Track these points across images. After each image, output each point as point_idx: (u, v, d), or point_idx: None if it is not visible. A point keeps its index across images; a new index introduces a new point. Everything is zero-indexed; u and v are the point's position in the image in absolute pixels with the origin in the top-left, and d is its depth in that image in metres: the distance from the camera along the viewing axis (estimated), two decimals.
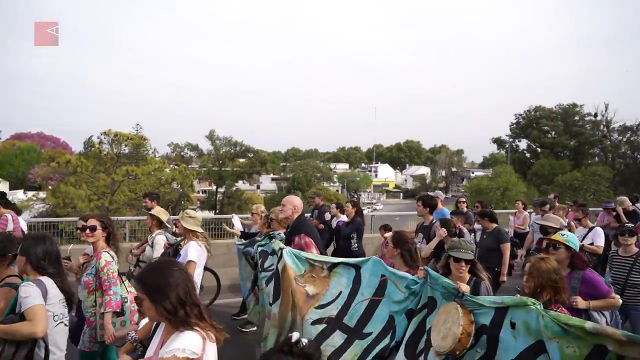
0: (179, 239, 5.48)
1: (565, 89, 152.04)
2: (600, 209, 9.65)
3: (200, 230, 4.62)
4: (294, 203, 4.79)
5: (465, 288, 3.11)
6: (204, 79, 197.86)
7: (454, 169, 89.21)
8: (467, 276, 3.55)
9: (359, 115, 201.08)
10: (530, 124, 55.56)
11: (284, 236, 5.08)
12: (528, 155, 56.97)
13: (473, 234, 6.81)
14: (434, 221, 5.99)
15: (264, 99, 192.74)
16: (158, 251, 5.18)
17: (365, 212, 10.41)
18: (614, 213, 8.94)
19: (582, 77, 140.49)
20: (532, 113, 56.13)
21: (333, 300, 3.92)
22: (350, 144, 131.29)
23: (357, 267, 3.94)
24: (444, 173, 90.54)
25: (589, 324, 2.37)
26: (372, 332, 3.52)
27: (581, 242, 6.46)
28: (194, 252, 4.40)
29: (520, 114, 57.22)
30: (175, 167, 31.00)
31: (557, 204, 9.66)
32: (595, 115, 51.88)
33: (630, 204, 9.51)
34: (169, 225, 5.74)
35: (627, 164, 50.11)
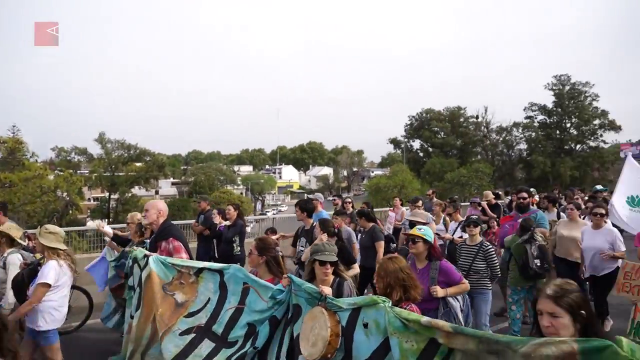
0: (37, 257, 4.83)
1: (452, 93, 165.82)
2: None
3: (62, 247, 4.19)
4: (158, 207, 4.55)
5: (327, 291, 3.12)
6: (94, 79, 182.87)
7: (355, 169, 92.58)
8: (332, 278, 3.52)
9: (263, 117, 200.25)
10: (422, 125, 59.61)
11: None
12: (421, 154, 61.06)
13: (360, 234, 6.96)
14: (314, 224, 6.00)
15: (162, 100, 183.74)
16: (12, 273, 4.50)
17: (269, 214, 10.30)
18: (480, 207, 9.53)
19: (466, 81, 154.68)
20: (424, 115, 60.27)
21: (202, 308, 3.75)
22: (254, 145, 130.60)
23: (220, 273, 3.78)
24: (345, 173, 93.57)
25: (424, 319, 2.46)
26: (237, 341, 3.43)
27: (452, 235, 7.02)
28: (51, 274, 3.99)
29: (414, 116, 61.18)
30: (60, 173, 28.22)
31: (435, 199, 10.18)
32: (477, 117, 57.39)
33: (494, 197, 10.08)
34: (22, 242, 5.01)
35: (503, 160, 56.04)
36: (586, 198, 11.02)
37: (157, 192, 66.93)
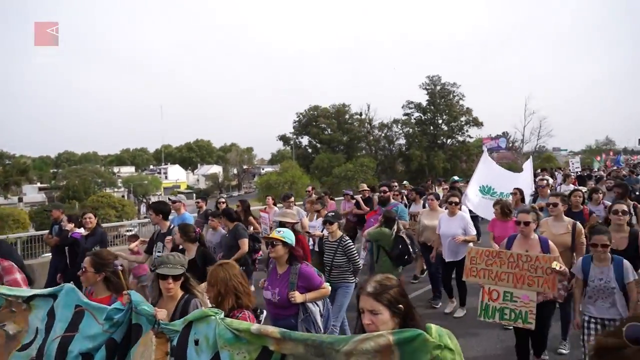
0: None
1: (337, 90, 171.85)
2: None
3: None
4: None
5: (161, 315, 2.76)
6: None
7: (245, 167, 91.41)
8: (179, 294, 3.19)
9: (145, 115, 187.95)
10: (310, 122, 60.84)
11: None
12: (310, 150, 62.33)
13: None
14: (172, 227, 5.73)
15: (26, 98, 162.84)
16: None
17: None
18: (354, 200, 9.69)
19: (350, 80, 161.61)
20: (311, 112, 61.56)
21: (33, 340, 3.15)
22: (135, 145, 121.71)
23: (53, 297, 3.22)
24: (235, 171, 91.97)
25: (254, 327, 2.37)
26: None
27: (322, 232, 6.87)
28: None
29: (301, 113, 62.16)
30: None
31: (313, 196, 10.31)
32: (361, 114, 60.21)
33: (368, 189, 10.22)
34: None
35: (385, 155, 59.61)
36: (446, 188, 11.88)
37: (20, 200, 59.01)
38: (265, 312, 5.99)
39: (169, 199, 7.13)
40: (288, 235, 3.92)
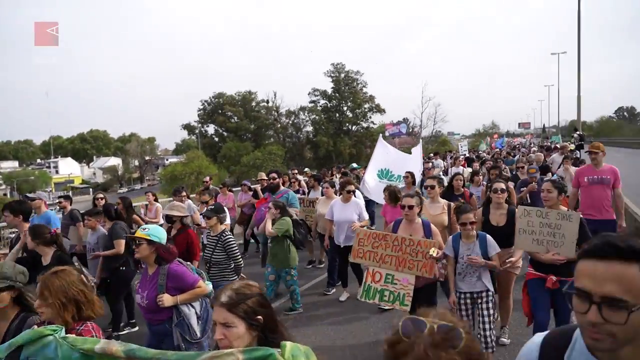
0: None
1: (243, 77, 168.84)
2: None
3: None
4: None
5: None
6: None
7: (147, 158, 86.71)
8: (13, 312, 2.76)
9: (27, 104, 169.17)
10: (215, 109, 59.19)
11: None
12: (216, 139, 60.75)
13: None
14: None
15: None
16: None
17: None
18: (251, 191, 9.52)
19: (255, 67, 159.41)
20: (216, 100, 59.89)
21: None
22: (18, 137, 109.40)
23: None
24: (137, 163, 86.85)
25: (98, 346, 1.99)
26: None
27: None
28: None
29: (206, 100, 60.24)
30: None
31: (211, 187, 10.13)
32: (267, 101, 59.88)
33: (266, 178, 9.64)
34: None
35: (293, 142, 60.06)
36: (341, 174, 11.92)
37: None
38: None
39: (26, 196, 6.52)
40: (155, 233, 3.54)
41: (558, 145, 18.91)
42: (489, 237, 4.32)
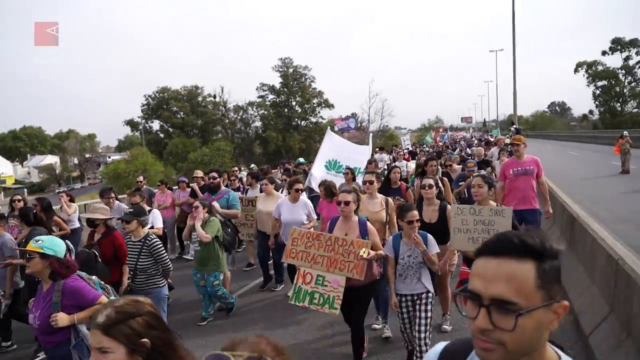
0: None
1: (188, 72, 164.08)
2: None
3: None
4: None
5: None
6: None
7: (87, 155, 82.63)
8: None
9: None
10: (160, 105, 57.31)
11: None
12: (162, 135, 58.90)
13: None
14: None
15: None
16: None
17: None
18: (189, 188, 9.12)
19: (201, 61, 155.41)
20: (161, 94, 57.98)
21: None
22: None
23: None
24: (76, 161, 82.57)
25: None
26: None
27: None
28: None
29: (150, 95, 58.16)
30: None
31: (145, 186, 9.68)
32: (214, 96, 58.72)
33: (202, 175, 9.32)
34: None
35: (242, 138, 59.37)
36: (283, 170, 11.32)
37: None
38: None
39: None
40: (49, 245, 3.14)
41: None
42: (430, 236, 4.18)
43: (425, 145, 28.94)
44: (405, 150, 18.52)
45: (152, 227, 6.33)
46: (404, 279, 4.16)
